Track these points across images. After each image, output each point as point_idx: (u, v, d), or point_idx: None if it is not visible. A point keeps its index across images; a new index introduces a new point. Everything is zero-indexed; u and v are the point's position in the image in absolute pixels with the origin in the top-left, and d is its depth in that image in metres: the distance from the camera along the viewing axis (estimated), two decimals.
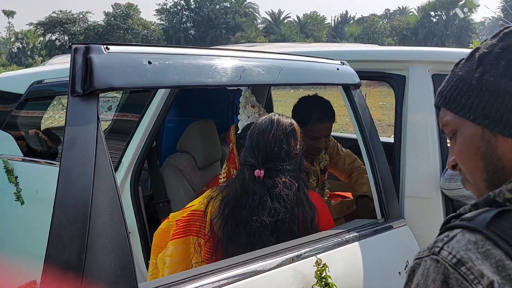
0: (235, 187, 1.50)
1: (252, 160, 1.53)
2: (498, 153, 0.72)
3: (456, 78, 0.78)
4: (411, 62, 1.95)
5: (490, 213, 0.65)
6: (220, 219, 1.49)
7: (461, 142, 0.77)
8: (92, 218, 0.89)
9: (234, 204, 1.48)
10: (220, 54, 1.28)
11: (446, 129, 0.81)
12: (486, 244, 0.61)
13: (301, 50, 2.30)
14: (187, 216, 1.56)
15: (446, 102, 0.79)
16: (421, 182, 1.87)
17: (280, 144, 1.53)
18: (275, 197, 1.46)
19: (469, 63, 0.77)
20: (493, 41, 0.75)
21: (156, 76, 1.09)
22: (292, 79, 1.57)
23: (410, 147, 1.90)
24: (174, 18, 50.10)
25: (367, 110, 1.86)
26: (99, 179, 0.93)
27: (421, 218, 1.84)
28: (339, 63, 1.78)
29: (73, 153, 0.91)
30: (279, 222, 1.45)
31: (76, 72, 0.97)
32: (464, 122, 0.76)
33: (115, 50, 1.05)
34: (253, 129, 1.59)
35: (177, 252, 1.52)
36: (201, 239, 1.52)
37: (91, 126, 0.95)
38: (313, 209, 1.53)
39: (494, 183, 0.73)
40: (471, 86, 0.74)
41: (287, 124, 1.58)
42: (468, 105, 0.74)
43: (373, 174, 1.78)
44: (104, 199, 0.93)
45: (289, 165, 1.53)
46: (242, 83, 1.33)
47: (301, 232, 1.49)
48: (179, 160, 2.51)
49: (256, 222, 1.43)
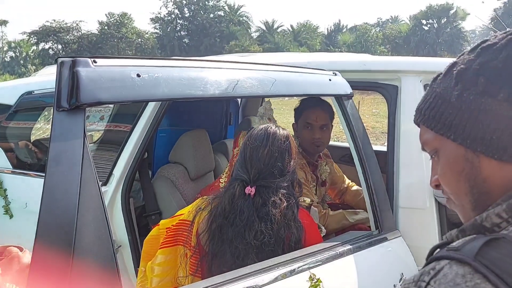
0: (224, 203, 1.47)
1: (244, 176, 1.49)
2: (483, 175, 0.68)
3: (435, 95, 0.74)
4: (403, 72, 1.95)
5: (478, 242, 0.61)
6: (207, 233, 1.46)
7: (444, 163, 0.73)
8: (77, 237, 0.87)
9: (222, 220, 1.45)
10: (210, 66, 1.27)
11: (427, 148, 0.77)
12: (475, 278, 0.57)
13: (293, 61, 2.29)
14: (176, 225, 1.54)
15: (425, 119, 0.75)
16: (415, 193, 1.86)
17: (274, 161, 1.49)
18: (263, 218, 1.42)
19: (447, 79, 0.73)
20: (470, 56, 0.71)
21: (145, 89, 1.07)
22: (285, 90, 1.55)
23: (403, 157, 1.89)
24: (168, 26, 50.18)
25: (360, 120, 1.84)
26: (85, 196, 0.90)
27: (416, 229, 1.82)
28: (332, 74, 1.77)
29: (58, 169, 0.88)
30: (264, 245, 1.41)
31: (62, 86, 0.94)
32: (445, 141, 0.72)
33: (103, 63, 1.03)
34: (247, 142, 1.54)
35: (166, 261, 1.50)
36: (188, 250, 1.49)
37: (77, 141, 0.92)
38: (300, 229, 1.49)
39: (480, 205, 0.69)
40: (450, 104, 0.71)
41: (283, 138, 1.54)
42: (448, 124, 0.71)
43: (366, 186, 1.76)
44: (90, 218, 0.90)
45: (282, 182, 1.50)
46: (233, 95, 1.32)
47: (284, 253, 1.45)
48: (171, 171, 2.48)
49: (242, 244, 1.40)
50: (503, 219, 0.64)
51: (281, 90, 1.52)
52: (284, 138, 1.55)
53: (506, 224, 0.63)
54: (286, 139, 1.55)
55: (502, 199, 0.66)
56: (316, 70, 1.71)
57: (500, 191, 0.67)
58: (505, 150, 0.66)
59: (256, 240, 1.40)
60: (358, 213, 2.41)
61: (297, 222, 1.49)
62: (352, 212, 2.43)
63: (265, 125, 1.58)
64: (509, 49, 0.67)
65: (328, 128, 2.36)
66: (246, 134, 2.12)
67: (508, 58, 0.67)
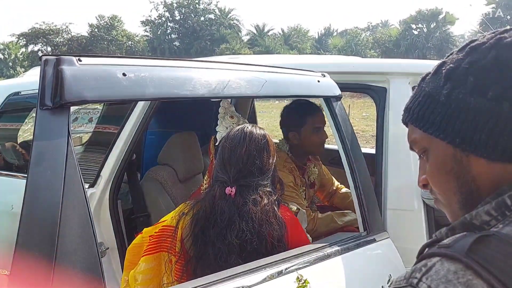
0: (205, 206, 1.45)
1: (224, 177, 1.48)
2: (472, 174, 0.69)
3: (423, 93, 0.74)
4: (391, 74, 1.96)
5: (469, 238, 0.61)
6: (190, 238, 1.45)
7: (432, 162, 0.74)
8: (60, 238, 0.85)
9: (204, 222, 1.43)
10: (199, 66, 1.26)
11: (415, 147, 0.77)
12: (467, 274, 0.57)
13: (282, 63, 2.29)
14: (158, 232, 1.51)
15: (414, 119, 0.75)
16: (403, 194, 1.87)
17: (252, 160, 1.48)
18: (244, 216, 1.41)
19: (435, 78, 0.73)
20: (459, 55, 0.71)
21: (131, 88, 1.06)
22: (273, 91, 1.55)
23: (391, 159, 1.90)
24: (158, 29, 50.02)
25: (349, 122, 1.85)
26: (69, 196, 0.89)
27: (404, 231, 1.83)
28: (320, 75, 1.77)
29: (41, 169, 0.87)
30: (246, 243, 1.40)
31: (46, 85, 0.93)
32: (434, 140, 0.72)
33: (88, 62, 1.02)
34: (225, 143, 1.53)
35: (149, 269, 1.47)
36: (172, 256, 1.47)
37: (61, 140, 0.91)
38: (282, 226, 1.48)
39: (468, 204, 0.70)
40: (440, 103, 0.71)
41: (260, 137, 1.53)
42: (437, 123, 0.71)
43: (355, 187, 1.76)
44: (74, 218, 0.89)
45: (262, 180, 1.49)
46: (222, 96, 1.31)
47: (268, 252, 1.45)
48: (159, 172, 2.46)
49: (223, 245, 1.38)
50: (492, 217, 0.64)
51: (270, 91, 1.51)
52: (261, 137, 1.54)
53: (496, 222, 0.63)
54: (263, 137, 1.54)
55: (491, 197, 0.66)
56: (304, 71, 1.71)
57: (488, 189, 0.68)
58: (494, 149, 0.66)
59: (238, 239, 1.39)
60: (347, 215, 2.41)
61: (278, 218, 1.48)
62: (341, 214, 2.43)
63: (241, 126, 1.57)
64: (498, 48, 0.68)
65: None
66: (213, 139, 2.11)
67: (497, 57, 0.67)
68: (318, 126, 2.32)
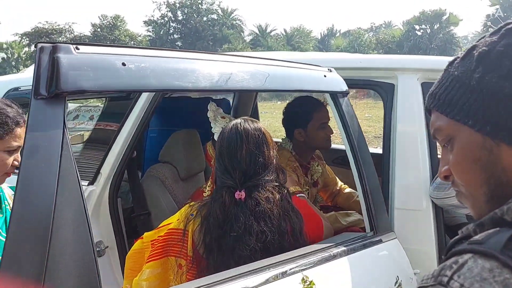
0: (216, 213, 1.37)
1: (230, 182, 1.41)
2: (502, 165, 0.64)
3: (452, 78, 0.69)
4: (400, 70, 1.91)
5: (503, 234, 0.56)
6: (202, 246, 1.37)
7: (458, 151, 0.69)
8: (53, 234, 0.80)
9: (217, 231, 1.35)
10: (201, 57, 1.21)
11: (439, 135, 0.72)
12: (504, 272, 0.52)
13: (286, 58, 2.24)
14: (164, 236, 1.42)
15: (440, 104, 0.70)
16: (411, 194, 1.81)
17: (255, 158, 1.41)
18: (260, 218, 1.35)
19: (466, 62, 0.68)
20: (493, 38, 0.67)
21: (130, 79, 1.01)
22: (278, 85, 1.49)
23: (399, 157, 1.84)
24: (161, 29, 50.03)
25: (356, 119, 1.80)
26: (64, 190, 0.84)
27: (411, 231, 1.77)
28: (327, 70, 1.72)
29: (34, 161, 0.82)
30: (269, 243, 1.34)
31: (41, 73, 0.88)
32: (461, 127, 0.67)
33: (86, 51, 0.97)
34: (222, 147, 1.44)
35: (155, 276, 1.38)
36: (182, 260, 1.39)
37: (56, 132, 0.86)
38: (300, 217, 1.44)
39: (495, 197, 0.65)
40: (470, 87, 0.66)
41: (256, 132, 1.45)
42: (466, 109, 0.66)
43: (361, 186, 1.71)
44: (69, 213, 0.84)
45: (268, 176, 1.43)
46: (225, 89, 1.26)
47: (291, 245, 1.40)
48: (160, 170, 2.42)
49: (245, 251, 1.31)
50: None
51: (274, 85, 1.46)
52: (257, 131, 1.45)
53: None
54: (259, 131, 1.46)
55: None
56: (310, 65, 1.66)
57: None
58: None
59: (259, 242, 1.33)
60: (351, 215, 2.36)
61: (295, 211, 1.44)
62: (344, 214, 2.38)
63: (233, 124, 1.47)
64: None
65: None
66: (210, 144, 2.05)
67: None
68: (324, 122, 2.28)
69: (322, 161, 2.62)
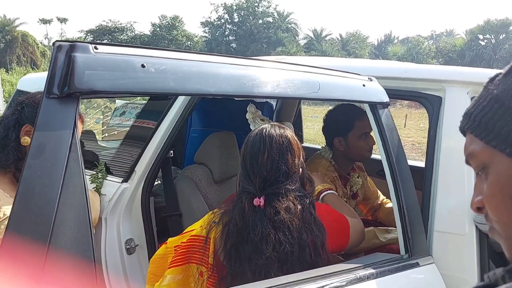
0: (235, 220, 1.34)
1: (250, 188, 1.37)
2: None
3: (490, 97, 0.61)
4: (448, 82, 1.77)
5: None
6: (223, 253, 1.34)
7: (493, 182, 0.60)
8: (53, 238, 0.78)
9: (236, 238, 1.32)
10: (226, 61, 1.16)
11: (473, 161, 0.63)
12: None
13: (326, 64, 2.16)
14: (187, 242, 1.40)
15: (475, 126, 0.62)
16: (453, 216, 1.67)
17: (276, 165, 1.36)
18: (279, 227, 1.30)
19: (508, 79, 0.60)
20: None
21: (149, 81, 0.98)
22: (311, 94, 1.41)
23: (442, 175, 1.71)
24: (217, 31, 50.99)
25: (395, 131, 1.68)
26: (68, 193, 0.81)
27: (451, 257, 1.63)
28: (366, 79, 1.62)
29: (40, 161, 0.80)
30: (287, 254, 1.29)
31: (56, 72, 0.87)
32: (497, 155, 0.58)
33: (105, 51, 0.95)
34: (245, 152, 1.41)
35: (176, 282, 1.37)
36: (203, 267, 1.36)
37: (65, 132, 0.84)
38: (323, 230, 1.37)
39: None
40: (510, 109, 0.57)
41: (281, 138, 1.39)
42: (504, 134, 0.57)
43: (398, 203, 1.60)
44: (71, 217, 0.81)
45: (290, 184, 1.37)
46: (249, 95, 1.20)
47: (312, 259, 1.33)
48: (195, 172, 2.40)
49: (261, 260, 1.27)
50: None
51: (307, 94, 1.39)
52: (283, 138, 1.40)
53: None
54: (285, 138, 1.40)
55: None
56: (348, 73, 1.57)
57: None
58: None
59: (276, 252, 1.28)
60: (391, 231, 2.23)
61: (318, 223, 1.37)
62: (384, 230, 2.25)
63: (259, 129, 1.43)
64: None
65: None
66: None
67: None
68: (366, 132, 2.18)
69: (364, 173, 2.50)
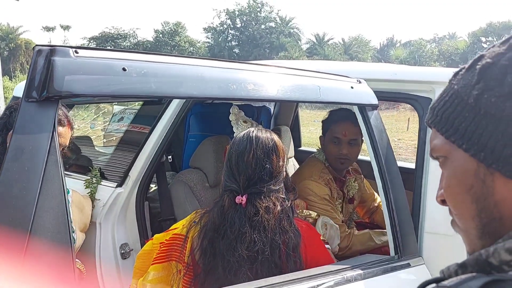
0: (213, 217, 1.37)
1: (233, 185, 1.40)
2: (495, 198, 0.55)
3: (452, 92, 0.61)
4: (437, 84, 1.78)
5: (476, 282, 0.48)
6: (198, 252, 1.37)
7: (450, 176, 0.60)
8: (30, 241, 0.79)
9: (213, 234, 1.35)
10: (208, 64, 1.17)
11: (435, 154, 0.64)
12: None
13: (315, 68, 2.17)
14: (169, 240, 1.45)
15: (437, 121, 0.62)
16: (443, 216, 1.66)
17: (261, 164, 1.39)
18: (255, 226, 1.32)
19: (468, 74, 0.59)
20: (500, 49, 0.57)
21: (130, 85, 0.99)
22: (297, 96, 1.43)
23: (432, 175, 1.71)
24: (220, 36, 51.16)
25: (385, 133, 1.69)
26: (46, 196, 0.82)
27: (441, 257, 1.63)
28: (355, 81, 1.63)
29: (18, 164, 0.81)
30: (257, 253, 1.30)
31: (35, 76, 0.88)
32: (455, 149, 0.59)
33: (86, 55, 0.96)
34: (231, 150, 1.45)
35: (158, 278, 1.41)
36: (180, 265, 1.40)
37: (44, 135, 0.85)
38: (297, 234, 1.38)
39: (488, 234, 0.56)
40: (467, 105, 0.57)
41: (267, 140, 1.44)
42: (462, 130, 0.57)
43: (387, 204, 1.60)
44: (49, 220, 0.82)
45: (273, 185, 1.40)
46: (233, 97, 1.21)
47: (283, 262, 1.35)
48: (189, 176, 2.40)
49: (233, 257, 1.29)
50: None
51: (293, 96, 1.40)
52: (269, 139, 1.44)
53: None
54: (271, 139, 1.45)
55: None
56: (336, 76, 1.58)
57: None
58: None
59: (248, 251, 1.30)
60: (386, 234, 2.23)
61: (293, 226, 1.38)
62: (379, 232, 2.25)
63: (247, 130, 1.48)
64: None
65: (357, 144, 2.21)
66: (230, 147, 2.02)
67: None
68: (337, 137, 2.17)
69: (360, 175, 2.50)
